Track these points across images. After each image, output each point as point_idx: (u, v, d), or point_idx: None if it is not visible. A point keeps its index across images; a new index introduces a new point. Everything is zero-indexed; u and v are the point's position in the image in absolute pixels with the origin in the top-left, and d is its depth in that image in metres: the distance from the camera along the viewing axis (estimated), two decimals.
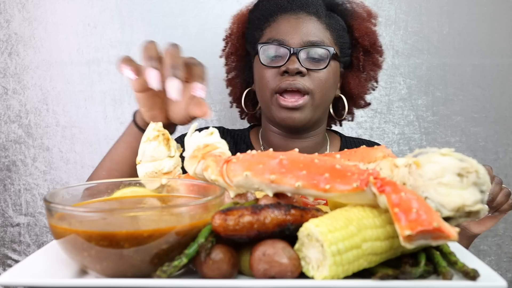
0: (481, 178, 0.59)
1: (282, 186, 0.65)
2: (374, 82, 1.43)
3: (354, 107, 1.44)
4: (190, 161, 0.77)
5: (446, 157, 0.61)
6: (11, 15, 1.69)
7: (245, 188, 0.70)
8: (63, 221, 0.63)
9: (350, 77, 1.38)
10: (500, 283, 0.58)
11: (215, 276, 0.61)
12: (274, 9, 1.31)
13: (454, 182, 0.59)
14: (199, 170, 0.74)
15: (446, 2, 1.73)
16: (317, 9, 1.29)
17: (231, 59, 1.45)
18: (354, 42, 1.36)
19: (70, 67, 1.71)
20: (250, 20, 1.38)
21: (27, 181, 1.72)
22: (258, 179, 0.66)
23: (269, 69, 1.25)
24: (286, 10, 1.29)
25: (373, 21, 1.38)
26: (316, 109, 1.26)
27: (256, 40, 1.32)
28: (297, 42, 1.24)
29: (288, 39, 1.24)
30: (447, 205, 0.60)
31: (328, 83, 1.26)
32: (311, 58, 1.23)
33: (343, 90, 1.39)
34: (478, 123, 1.74)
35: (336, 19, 1.32)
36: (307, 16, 1.27)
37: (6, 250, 1.73)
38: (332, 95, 1.32)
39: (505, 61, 1.74)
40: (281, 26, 1.27)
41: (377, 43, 1.38)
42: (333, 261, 0.58)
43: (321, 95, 1.25)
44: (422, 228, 0.54)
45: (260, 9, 1.34)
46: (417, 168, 0.63)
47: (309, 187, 0.64)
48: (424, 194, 0.62)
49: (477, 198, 0.59)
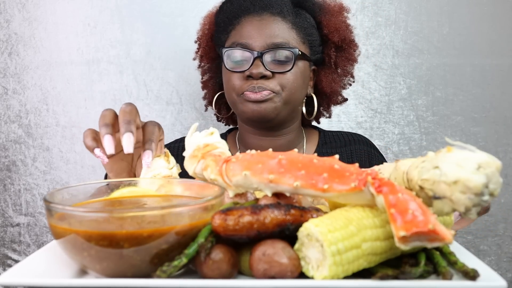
0: (495, 176, 0.59)
1: (281, 186, 0.66)
2: (350, 77, 1.39)
3: (330, 103, 1.41)
4: (190, 161, 0.77)
5: (480, 152, 0.61)
6: (11, 15, 1.69)
7: (244, 188, 0.70)
8: (63, 221, 0.63)
9: (323, 75, 1.35)
10: (500, 283, 0.58)
11: (215, 276, 0.61)
12: (238, 11, 1.28)
13: (471, 168, 0.59)
14: (199, 169, 0.75)
15: (446, 2, 1.73)
16: (281, 8, 1.26)
17: (203, 61, 1.42)
18: (324, 38, 1.33)
19: (70, 67, 1.71)
20: (216, 23, 1.35)
21: (27, 181, 1.72)
22: (257, 178, 0.67)
23: (234, 73, 1.23)
24: (249, 12, 1.26)
25: (345, 15, 1.34)
26: (284, 105, 1.23)
27: (223, 43, 1.30)
28: (260, 45, 1.21)
29: (251, 42, 1.22)
30: (450, 175, 0.60)
31: (296, 84, 1.23)
32: (276, 61, 1.21)
33: (316, 87, 1.36)
34: (478, 123, 1.74)
35: (303, 17, 1.29)
36: (271, 17, 1.24)
37: (6, 250, 1.73)
38: (302, 95, 1.29)
39: (505, 61, 1.74)
40: (244, 29, 1.24)
41: (349, 38, 1.34)
42: (333, 261, 0.58)
43: (289, 94, 1.23)
44: (417, 229, 0.55)
45: (225, 12, 1.31)
46: (447, 152, 0.63)
47: (307, 187, 0.64)
48: (437, 164, 0.61)
49: (479, 184, 0.58)
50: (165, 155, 0.92)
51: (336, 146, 1.37)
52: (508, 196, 1.74)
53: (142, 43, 1.70)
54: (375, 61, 1.72)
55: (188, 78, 1.72)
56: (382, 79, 1.73)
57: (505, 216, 1.74)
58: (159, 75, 1.72)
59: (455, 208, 0.60)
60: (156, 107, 1.72)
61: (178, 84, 1.73)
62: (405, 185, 0.69)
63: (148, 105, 1.71)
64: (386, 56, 1.73)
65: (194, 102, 1.73)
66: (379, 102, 1.74)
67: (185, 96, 1.73)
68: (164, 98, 1.73)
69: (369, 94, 1.73)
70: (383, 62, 1.72)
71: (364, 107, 1.74)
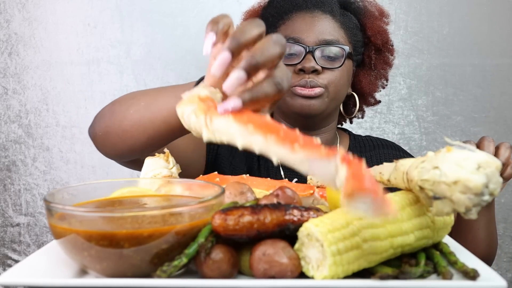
0: (495, 176, 0.59)
1: (255, 137, 0.61)
2: (384, 80, 1.44)
3: (364, 105, 1.45)
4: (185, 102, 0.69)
5: (479, 152, 0.61)
6: (11, 15, 1.69)
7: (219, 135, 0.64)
8: (63, 221, 0.63)
9: (362, 75, 1.39)
10: (500, 283, 0.58)
11: (215, 276, 0.61)
12: (289, 7, 1.31)
13: (470, 168, 0.59)
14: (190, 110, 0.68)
15: (446, 2, 1.73)
16: (331, 7, 1.29)
17: None
18: (366, 40, 1.36)
19: (70, 67, 1.71)
20: (263, 17, 1.36)
21: (27, 181, 1.72)
22: (237, 124, 0.62)
23: None
24: (301, 8, 1.29)
25: (385, 20, 1.39)
26: (330, 102, 1.26)
27: None
28: (312, 41, 1.24)
29: (303, 37, 1.25)
30: (450, 175, 0.60)
31: (342, 81, 1.27)
32: (326, 57, 1.24)
33: (354, 88, 1.40)
34: (478, 123, 1.74)
35: (349, 18, 1.33)
36: (322, 15, 1.28)
37: (6, 250, 1.73)
38: (345, 93, 1.33)
39: (505, 61, 1.74)
40: (296, 24, 1.27)
41: (389, 42, 1.39)
42: (333, 261, 0.58)
43: (335, 92, 1.26)
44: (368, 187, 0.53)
45: (275, 7, 1.34)
46: (447, 151, 0.63)
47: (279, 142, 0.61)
48: (437, 164, 0.61)
49: (479, 184, 0.58)
50: (165, 155, 0.92)
51: (365, 150, 1.40)
52: (508, 196, 1.74)
53: (142, 43, 1.70)
54: None
55: (188, 78, 1.72)
56: None
57: (505, 216, 1.74)
58: (159, 75, 1.72)
59: (455, 208, 0.60)
60: None
61: None
62: (405, 185, 0.69)
63: None
64: None
65: None
66: None
67: None
68: None
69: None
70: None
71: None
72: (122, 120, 0.97)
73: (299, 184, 0.92)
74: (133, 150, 0.98)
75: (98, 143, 1.06)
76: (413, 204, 0.67)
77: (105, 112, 1.02)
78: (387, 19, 1.40)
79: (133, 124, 0.95)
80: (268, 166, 1.31)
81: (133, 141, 0.96)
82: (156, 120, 0.91)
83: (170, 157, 0.92)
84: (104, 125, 1.01)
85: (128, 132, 0.96)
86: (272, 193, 0.72)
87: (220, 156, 1.30)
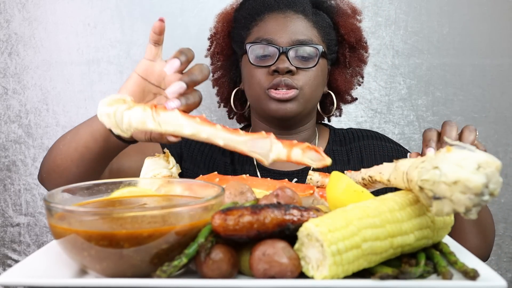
0: (494, 176, 0.59)
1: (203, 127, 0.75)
2: (359, 78, 1.44)
3: (341, 102, 1.46)
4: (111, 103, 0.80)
5: (479, 152, 0.61)
6: (11, 15, 1.69)
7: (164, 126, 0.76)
8: (63, 221, 0.63)
9: (337, 74, 1.39)
10: (500, 283, 0.58)
11: (215, 276, 0.61)
12: (261, 8, 1.31)
13: (470, 168, 0.59)
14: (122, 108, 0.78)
15: (446, 2, 1.73)
16: (304, 7, 1.29)
17: (216, 58, 1.44)
18: (340, 39, 1.37)
19: (70, 67, 1.71)
20: (236, 19, 1.37)
21: (27, 181, 1.72)
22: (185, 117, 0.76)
23: (258, 68, 1.25)
24: (273, 9, 1.29)
25: (357, 17, 1.39)
26: (306, 103, 1.26)
27: (243, 39, 1.32)
28: (285, 41, 1.24)
29: (276, 38, 1.25)
30: (450, 175, 0.60)
31: (317, 81, 1.27)
32: (300, 57, 1.24)
33: (330, 86, 1.40)
34: (478, 123, 1.74)
35: (322, 17, 1.33)
36: (294, 15, 1.28)
37: (6, 250, 1.73)
38: (321, 92, 1.33)
39: (505, 61, 1.74)
40: (269, 25, 1.28)
41: (362, 39, 1.39)
42: (333, 261, 0.58)
43: (310, 91, 1.26)
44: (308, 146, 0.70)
45: (247, 8, 1.34)
46: (447, 152, 0.63)
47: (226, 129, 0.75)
48: (437, 164, 0.61)
49: (479, 184, 0.58)
50: (165, 155, 0.92)
51: (345, 143, 1.39)
52: (508, 196, 1.74)
53: (142, 43, 1.70)
54: (375, 61, 1.72)
55: None
56: (382, 79, 1.73)
57: (505, 216, 1.74)
58: None
59: (455, 208, 0.60)
60: None
61: None
62: (405, 185, 0.69)
63: None
64: (386, 56, 1.73)
65: None
66: (379, 102, 1.74)
67: None
68: None
69: (369, 94, 1.73)
70: (383, 62, 1.72)
71: (364, 107, 1.74)
72: (55, 157, 1.07)
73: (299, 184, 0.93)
74: (72, 179, 1.02)
75: (45, 185, 1.16)
76: (413, 204, 0.67)
77: (45, 157, 1.13)
78: (360, 17, 1.40)
79: (62, 157, 1.05)
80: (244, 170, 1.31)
81: (66, 173, 1.05)
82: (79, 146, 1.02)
83: (170, 157, 0.92)
84: (45, 167, 1.11)
85: (61, 166, 1.05)
86: (272, 193, 0.72)
87: (184, 170, 1.30)
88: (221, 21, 1.41)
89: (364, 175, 0.83)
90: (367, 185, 0.83)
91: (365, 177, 0.83)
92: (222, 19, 1.41)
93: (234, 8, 1.40)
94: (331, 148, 1.38)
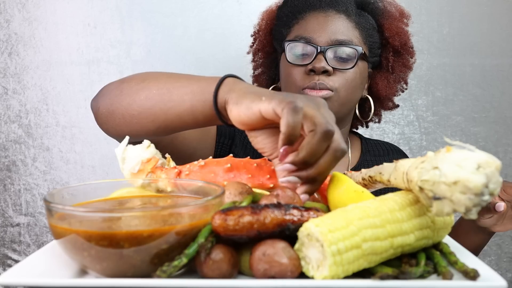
0: (494, 176, 0.59)
1: None
2: (403, 84, 1.40)
3: (381, 108, 1.42)
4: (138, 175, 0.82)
5: (479, 151, 0.61)
6: (11, 15, 1.69)
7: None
8: (63, 221, 0.63)
9: (379, 78, 1.35)
10: (500, 283, 0.58)
11: (215, 276, 0.61)
12: (303, 6, 1.29)
13: (470, 168, 0.59)
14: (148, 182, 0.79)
15: (446, 2, 1.73)
16: (346, 7, 1.27)
17: (258, 56, 1.42)
18: (384, 42, 1.33)
19: (70, 67, 1.71)
20: (278, 17, 1.36)
21: (27, 181, 1.72)
22: None
23: (295, 67, 1.23)
24: (315, 8, 1.27)
25: (405, 21, 1.36)
26: (341, 106, 1.23)
27: (284, 37, 1.30)
28: (324, 41, 1.22)
29: (315, 37, 1.22)
30: (449, 175, 0.60)
31: (354, 83, 1.23)
32: (338, 57, 1.21)
33: (370, 91, 1.37)
34: (478, 123, 1.74)
35: (366, 18, 1.30)
36: (336, 14, 1.25)
37: (6, 250, 1.73)
38: (359, 96, 1.29)
39: (505, 61, 1.74)
40: (309, 23, 1.25)
41: (408, 44, 1.35)
42: (333, 261, 0.58)
43: (346, 94, 1.22)
44: None
45: (289, 6, 1.33)
46: (446, 152, 0.63)
47: (256, 187, 0.77)
48: (437, 165, 0.61)
49: (479, 184, 0.58)
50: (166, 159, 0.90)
51: (378, 155, 1.38)
52: None
53: (142, 43, 1.70)
54: None
55: None
56: None
57: None
58: None
59: (455, 208, 0.60)
60: None
61: None
62: (405, 185, 0.69)
63: None
64: None
65: None
66: None
67: None
68: None
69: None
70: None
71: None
72: (130, 104, 0.90)
73: None
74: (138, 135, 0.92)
75: (100, 120, 1.00)
76: (413, 204, 0.67)
77: (112, 89, 0.96)
78: (408, 20, 1.36)
79: (142, 111, 0.89)
80: None
81: (139, 127, 0.91)
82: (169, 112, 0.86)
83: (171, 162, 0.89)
84: (109, 102, 0.95)
85: (136, 118, 0.90)
86: (272, 193, 0.72)
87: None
88: (264, 19, 1.40)
89: (364, 175, 0.83)
90: (367, 185, 0.83)
91: (365, 177, 0.83)
92: (265, 16, 1.40)
93: (278, 6, 1.39)
94: (364, 158, 1.36)
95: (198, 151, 1.19)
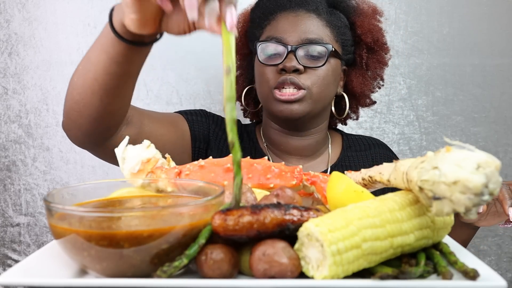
0: (494, 176, 0.59)
1: None
2: (380, 80, 1.42)
3: (359, 105, 1.43)
4: (138, 175, 0.83)
5: (479, 151, 0.61)
6: (11, 15, 1.69)
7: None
8: (63, 221, 0.63)
9: (353, 75, 1.37)
10: (500, 283, 0.58)
11: (215, 276, 0.61)
12: (274, 7, 1.31)
13: (470, 168, 0.59)
14: (148, 182, 0.79)
15: (446, 2, 1.73)
16: (317, 6, 1.29)
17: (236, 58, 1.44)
18: (357, 39, 1.35)
19: (70, 67, 1.71)
20: (251, 19, 1.38)
21: (27, 181, 1.72)
22: None
23: (267, 67, 1.26)
24: (285, 8, 1.29)
25: (378, 18, 1.37)
26: (314, 103, 1.25)
27: (257, 38, 1.33)
28: (295, 40, 1.24)
29: (286, 37, 1.25)
30: (449, 175, 0.60)
31: (326, 80, 1.25)
32: (309, 56, 1.23)
33: (346, 88, 1.38)
34: (478, 123, 1.74)
35: (337, 16, 1.32)
36: (306, 14, 1.27)
37: (6, 250, 1.73)
38: (332, 93, 1.31)
39: (505, 61, 1.74)
40: (280, 24, 1.28)
41: (381, 40, 1.37)
42: (333, 261, 0.58)
43: (319, 91, 1.24)
44: None
45: (261, 8, 1.35)
46: (446, 152, 0.63)
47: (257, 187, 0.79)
48: (437, 164, 0.61)
49: (479, 184, 0.58)
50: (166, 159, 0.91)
51: (359, 150, 1.39)
52: None
53: None
54: None
55: (188, 78, 1.72)
56: None
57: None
58: (159, 75, 1.72)
59: (455, 208, 0.60)
60: (156, 107, 1.72)
61: (178, 84, 1.73)
62: (405, 185, 0.69)
63: (148, 105, 1.71)
64: None
65: (194, 102, 1.73)
66: (379, 102, 1.74)
67: (185, 96, 1.73)
68: (164, 98, 1.73)
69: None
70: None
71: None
72: (72, 93, 0.99)
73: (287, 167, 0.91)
74: (94, 118, 0.98)
75: (66, 129, 1.08)
76: (413, 204, 0.67)
77: (64, 100, 1.05)
78: (381, 17, 1.38)
79: (81, 91, 0.96)
80: None
81: (88, 109, 0.97)
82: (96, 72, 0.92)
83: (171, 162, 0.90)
84: (65, 108, 1.03)
85: (80, 102, 0.97)
86: (272, 193, 0.72)
87: None
88: (240, 21, 1.42)
89: (364, 175, 0.83)
90: (367, 185, 0.83)
91: (365, 177, 0.83)
92: (241, 19, 1.42)
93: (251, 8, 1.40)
94: (345, 154, 1.37)
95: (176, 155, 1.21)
